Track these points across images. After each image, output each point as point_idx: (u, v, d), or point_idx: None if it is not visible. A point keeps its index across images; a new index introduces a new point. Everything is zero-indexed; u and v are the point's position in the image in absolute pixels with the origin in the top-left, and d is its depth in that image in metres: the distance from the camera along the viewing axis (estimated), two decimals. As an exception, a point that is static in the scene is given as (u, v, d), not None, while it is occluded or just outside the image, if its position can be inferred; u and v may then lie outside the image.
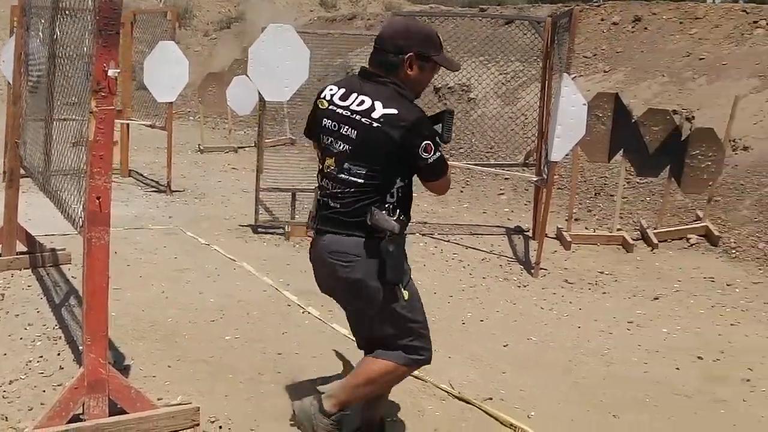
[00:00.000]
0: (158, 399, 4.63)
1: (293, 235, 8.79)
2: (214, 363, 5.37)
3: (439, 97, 14.92)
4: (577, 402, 5.16)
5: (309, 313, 6.45)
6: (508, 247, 9.12)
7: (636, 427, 4.93)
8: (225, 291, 6.85)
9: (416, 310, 4.05)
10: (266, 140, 14.36)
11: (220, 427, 4.50)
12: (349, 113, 3.86)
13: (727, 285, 8.10)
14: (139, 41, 12.83)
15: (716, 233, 9.38)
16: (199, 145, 14.76)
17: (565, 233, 9.25)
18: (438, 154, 3.83)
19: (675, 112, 11.12)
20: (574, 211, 9.94)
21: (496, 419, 4.79)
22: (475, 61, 12.95)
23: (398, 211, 3.87)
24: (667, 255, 9.09)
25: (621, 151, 9.40)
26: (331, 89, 3.99)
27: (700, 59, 13.36)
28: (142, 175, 12.10)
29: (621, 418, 5.02)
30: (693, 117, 11.67)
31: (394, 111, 3.76)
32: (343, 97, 3.91)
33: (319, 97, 4.03)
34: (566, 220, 9.42)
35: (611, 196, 10.43)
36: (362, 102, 3.84)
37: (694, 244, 9.38)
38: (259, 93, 9.02)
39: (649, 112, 9.62)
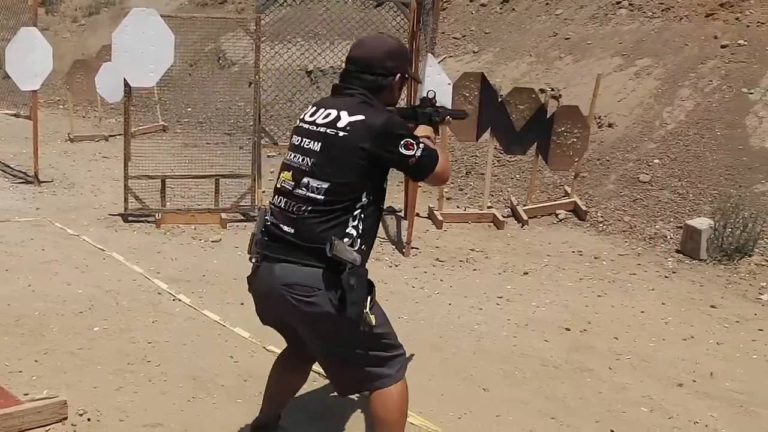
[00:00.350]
0: (24, 394, 4.57)
1: (164, 223, 8.71)
2: (83, 355, 5.30)
3: (312, 80, 14.90)
4: (448, 377, 5.27)
5: (180, 300, 6.43)
6: (380, 228, 9.18)
7: (505, 398, 5.06)
8: (94, 281, 6.75)
9: (384, 324, 3.72)
10: (139, 127, 14.25)
11: (89, 420, 4.45)
12: (314, 127, 3.61)
13: (595, 258, 8.35)
14: (2, 28, 12.46)
15: (584, 208, 9.65)
16: (68, 134, 14.43)
17: (436, 212, 9.38)
18: (421, 146, 3.59)
19: (542, 90, 11.36)
20: (446, 190, 10.08)
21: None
22: (347, 43, 12.95)
23: (360, 240, 3.54)
24: (536, 231, 9.31)
25: (489, 130, 9.56)
26: (307, 109, 3.79)
27: (566, 39, 13.65)
28: (8, 166, 11.77)
29: (491, 391, 5.15)
30: (560, 95, 11.94)
31: (360, 117, 3.53)
32: (312, 114, 3.69)
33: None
34: (438, 199, 9.54)
35: (481, 174, 10.60)
36: (328, 115, 3.60)
37: (562, 219, 9.63)
38: (125, 79, 8.86)
39: (514, 90, 9.80)
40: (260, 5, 9.50)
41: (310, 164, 3.56)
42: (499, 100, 9.64)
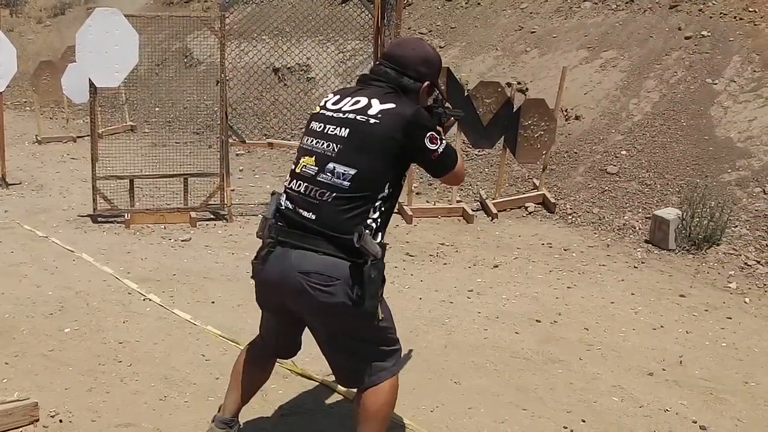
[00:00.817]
0: (-5, 397, 4.55)
1: (133, 223, 8.69)
2: (53, 357, 5.28)
3: (279, 78, 14.89)
4: (419, 371, 5.28)
5: (150, 300, 6.40)
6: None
7: (476, 391, 5.07)
8: (63, 283, 6.72)
9: (389, 318, 3.70)
10: (107, 127, 14.19)
11: (61, 421, 4.44)
12: (340, 114, 3.59)
13: (564, 250, 8.39)
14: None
15: (552, 200, 9.70)
16: (36, 135, 14.35)
17: (406, 207, 9.39)
18: (444, 143, 3.62)
19: (509, 84, 11.40)
20: (415, 185, 10.09)
21: (339, 393, 4.88)
22: (313, 41, 12.95)
23: (379, 233, 3.51)
24: (506, 224, 9.35)
25: (456, 124, 9.56)
26: (327, 96, 3.77)
27: (532, 32, 13.72)
28: (-25, 169, 11.72)
29: (462, 384, 5.17)
30: (527, 89, 12.00)
31: (391, 106, 3.53)
32: (336, 102, 3.67)
33: (316, 105, 3.81)
34: (407, 194, 9.55)
35: (451, 168, 10.57)
36: (357, 102, 3.60)
37: (532, 212, 9.68)
38: (90, 80, 8.82)
39: (480, 84, 9.81)
40: (224, 3, 9.47)
41: (336, 150, 3.52)
42: (466, 94, 9.66)
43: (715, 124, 10.18)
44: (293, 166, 3.68)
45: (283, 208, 3.60)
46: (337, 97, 3.71)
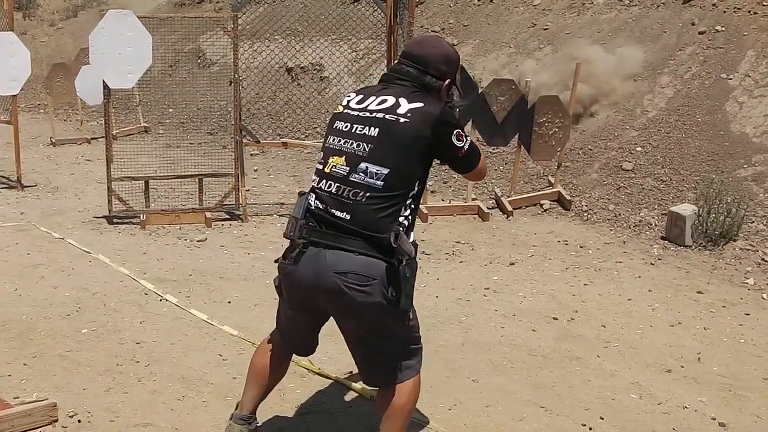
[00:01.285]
0: (14, 398, 4.57)
1: (148, 224, 8.71)
2: (71, 357, 5.30)
3: (292, 77, 14.90)
4: (437, 369, 5.27)
5: (167, 300, 6.42)
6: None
7: (494, 389, 5.07)
8: (80, 284, 6.73)
9: (415, 317, 3.72)
10: (121, 129, 14.23)
11: (80, 421, 4.45)
12: (367, 113, 3.61)
13: (580, 247, 8.38)
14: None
15: (568, 198, 9.68)
16: (50, 138, 14.39)
17: (421, 205, 9.36)
18: (469, 140, 3.68)
19: (523, 78, 11.36)
20: (430, 183, 10.08)
21: (356, 392, 4.87)
22: (326, 40, 12.97)
23: (410, 231, 3.56)
24: (521, 221, 9.33)
25: (470, 122, 9.57)
26: (349, 95, 3.79)
27: (545, 29, 13.68)
28: (-9, 172, 11.76)
29: (480, 382, 5.16)
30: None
31: (420, 104, 3.56)
32: (361, 101, 3.69)
33: (338, 104, 3.83)
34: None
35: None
36: (384, 101, 3.62)
37: (547, 210, 9.66)
38: (104, 81, 8.84)
39: (494, 82, 9.79)
40: (236, 3, 9.47)
41: (367, 150, 3.53)
42: (479, 92, 9.64)
43: (730, 119, 10.13)
44: (320, 166, 3.67)
45: (313, 208, 3.59)
46: (361, 96, 3.73)
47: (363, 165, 3.51)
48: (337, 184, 3.55)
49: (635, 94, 11.23)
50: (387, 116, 3.55)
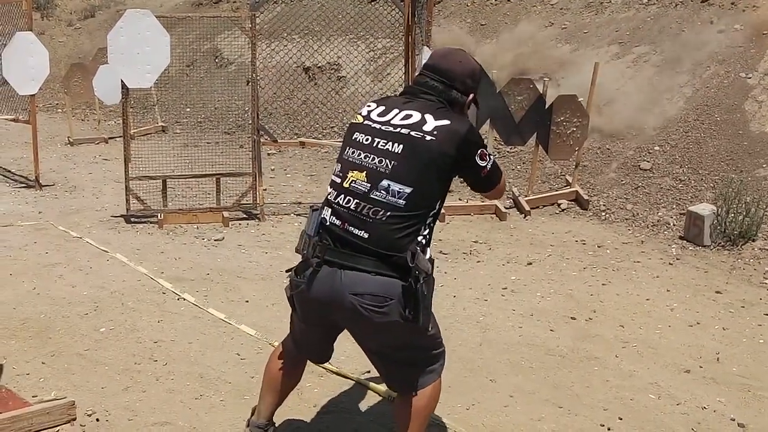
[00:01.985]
0: (33, 396, 4.59)
1: (166, 223, 8.73)
2: (89, 356, 5.31)
3: (309, 76, 14.91)
4: (455, 369, 5.25)
5: (184, 299, 6.42)
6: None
7: (512, 388, 5.05)
8: (98, 283, 6.75)
9: (435, 324, 3.66)
10: (138, 128, 14.28)
11: (98, 420, 4.46)
12: (390, 127, 3.47)
13: (598, 246, 8.34)
14: (-1, 34, 12.49)
15: (585, 197, 9.65)
16: (68, 137, 14.45)
17: (438, 205, 9.34)
18: (492, 160, 3.60)
19: (541, 77, 11.32)
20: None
21: (375, 392, 4.86)
22: (343, 39, 12.96)
23: (428, 249, 3.47)
24: (539, 221, 9.31)
25: (488, 121, 9.55)
26: (369, 105, 3.64)
27: (563, 28, 13.66)
28: (9, 171, 11.79)
29: (498, 382, 5.15)
30: (558, 85, 11.93)
31: (446, 122, 3.44)
32: (383, 113, 3.54)
33: (356, 113, 3.67)
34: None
35: (482, 166, 10.54)
36: (408, 116, 3.48)
37: (565, 209, 9.63)
38: (122, 81, 8.87)
39: (512, 81, 9.77)
40: (254, 3, 9.49)
41: (390, 167, 3.39)
42: (497, 91, 9.62)
43: (749, 118, 10.08)
44: (338, 180, 3.53)
45: (329, 224, 3.47)
46: (382, 107, 3.60)
47: (385, 182, 3.38)
48: (356, 201, 3.42)
49: (653, 93, 11.18)
50: (412, 132, 3.42)
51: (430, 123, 3.43)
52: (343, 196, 3.46)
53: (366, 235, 3.37)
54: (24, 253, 7.58)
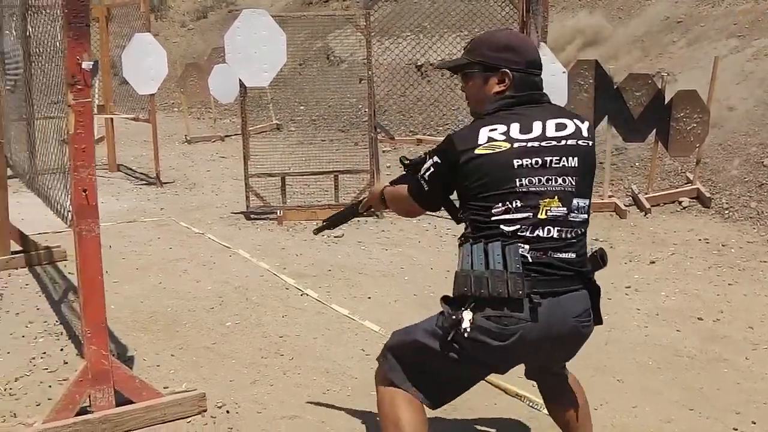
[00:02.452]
0: (164, 388, 4.67)
1: (286, 219, 8.82)
2: (216, 349, 5.40)
3: (422, 74, 14.90)
4: (581, 368, 5.14)
5: (307, 295, 6.49)
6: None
7: (640, 389, 4.96)
8: (222, 278, 6.87)
9: None
10: (254, 126, 14.48)
11: (228, 412, 4.53)
12: (553, 142, 3.14)
13: (722, 245, 8.14)
14: (117, 36, 12.80)
15: (707, 195, 9.43)
16: (185, 135, 14.74)
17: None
18: None
19: (658, 72, 11.12)
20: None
21: (502, 389, 4.83)
22: (456, 36, 12.92)
23: None
24: (660, 219, 9.13)
25: (606, 118, 9.42)
26: (491, 129, 3.15)
27: (678, 22, 13.38)
28: (131, 169, 12.09)
29: (625, 382, 5.06)
30: (676, 80, 11.70)
31: (587, 123, 3.28)
32: (525, 130, 3.14)
33: (475, 145, 3.12)
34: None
35: (600, 163, 10.42)
36: (562, 125, 3.18)
37: (686, 207, 9.43)
38: (240, 80, 9.01)
39: (630, 77, 9.61)
40: (367, 1, 9.54)
41: (574, 183, 3.15)
42: (615, 87, 9.48)
43: None
44: (527, 214, 3.10)
45: (531, 261, 3.09)
46: (516, 124, 3.15)
47: (575, 201, 3.15)
48: (557, 228, 3.13)
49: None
50: (580, 142, 3.19)
51: (583, 127, 3.24)
52: (541, 228, 3.13)
53: (573, 256, 3.17)
54: (148, 248, 7.76)
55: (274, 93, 15.41)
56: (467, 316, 3.07)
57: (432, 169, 3.30)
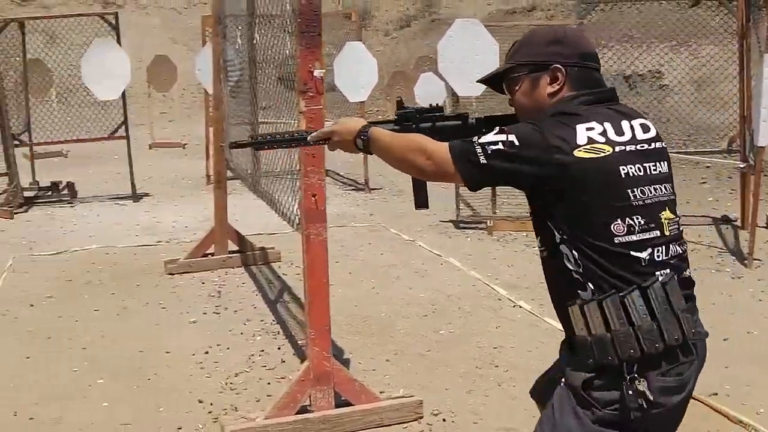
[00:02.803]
0: (380, 392, 4.71)
1: (495, 230, 8.79)
2: (431, 357, 5.43)
3: (630, 86, 14.60)
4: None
5: (520, 307, 6.44)
6: (717, 237, 8.71)
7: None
8: (434, 286, 6.91)
9: None
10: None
11: (444, 420, 4.54)
12: (645, 145, 2.60)
13: None
14: (324, 44, 13.09)
15: None
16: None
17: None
18: None
19: None
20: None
21: (724, 416, 4.63)
22: (666, 46, 12.60)
23: None
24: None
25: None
26: (589, 128, 2.52)
27: None
28: (339, 174, 12.34)
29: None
30: None
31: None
32: (618, 132, 2.58)
33: (575, 146, 2.46)
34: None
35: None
36: (646, 127, 2.65)
37: None
38: (450, 88, 9.05)
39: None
40: (581, 10, 9.42)
41: (671, 190, 2.64)
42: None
43: None
44: (651, 234, 2.53)
45: (669, 285, 2.52)
46: (608, 124, 2.57)
47: (676, 209, 2.65)
48: (678, 242, 2.63)
49: None
50: (662, 144, 2.68)
51: (653, 127, 2.70)
52: (665, 247, 2.59)
53: (688, 273, 2.65)
54: (360, 253, 7.90)
55: (479, 102, 15.41)
56: (643, 381, 2.48)
57: (502, 147, 2.52)
